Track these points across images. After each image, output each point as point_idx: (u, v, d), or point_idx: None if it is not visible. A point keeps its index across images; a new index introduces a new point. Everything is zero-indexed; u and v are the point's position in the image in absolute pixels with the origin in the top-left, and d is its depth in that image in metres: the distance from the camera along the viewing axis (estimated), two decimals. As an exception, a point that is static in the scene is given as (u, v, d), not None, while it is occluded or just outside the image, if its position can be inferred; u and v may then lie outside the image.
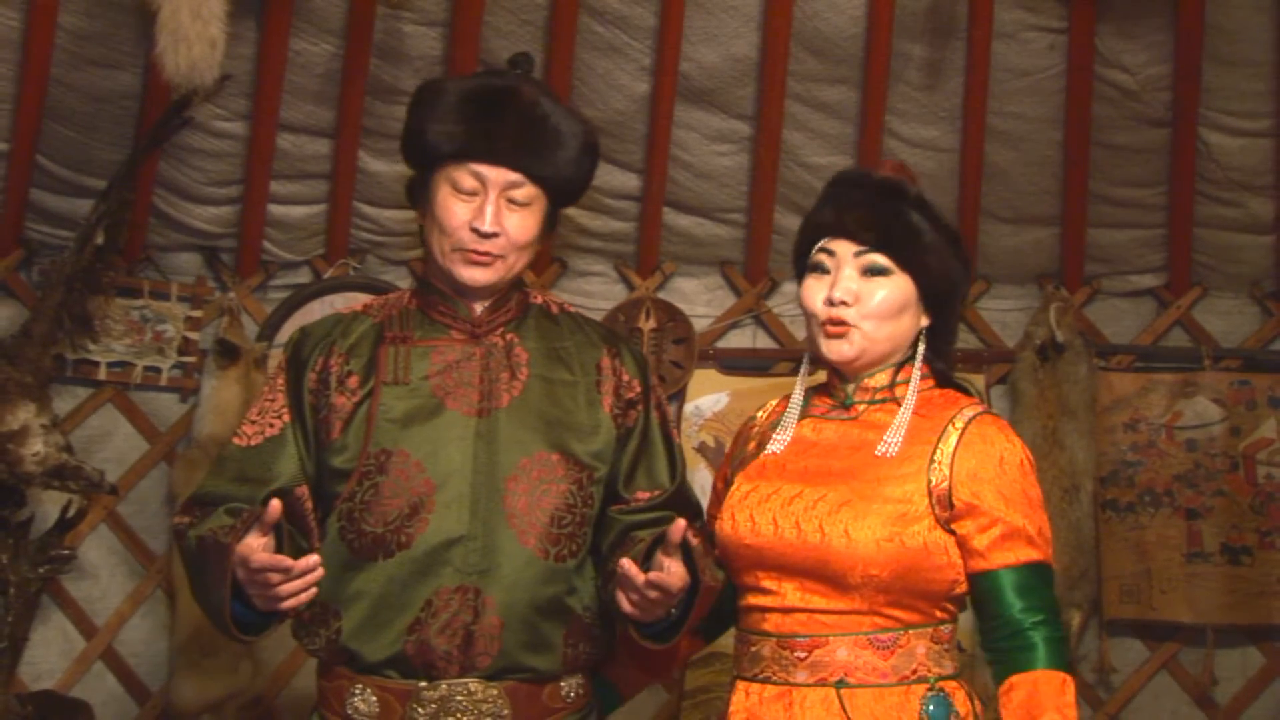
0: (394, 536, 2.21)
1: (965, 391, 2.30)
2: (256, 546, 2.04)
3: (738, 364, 4.02)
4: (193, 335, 3.77)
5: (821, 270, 2.23)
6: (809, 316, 2.25)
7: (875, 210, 2.22)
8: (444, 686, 2.19)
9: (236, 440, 2.32)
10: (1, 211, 3.59)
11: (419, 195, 2.37)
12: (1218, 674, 3.96)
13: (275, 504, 2.06)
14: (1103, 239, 4.07)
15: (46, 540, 3.51)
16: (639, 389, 2.41)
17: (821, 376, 2.35)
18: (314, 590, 2.07)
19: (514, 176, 2.28)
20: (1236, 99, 3.80)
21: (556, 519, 2.26)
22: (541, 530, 2.25)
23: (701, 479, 3.86)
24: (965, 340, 4.09)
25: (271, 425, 2.30)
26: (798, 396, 2.33)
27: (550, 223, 2.39)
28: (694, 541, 2.15)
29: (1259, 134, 3.85)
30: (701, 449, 3.93)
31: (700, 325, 4.02)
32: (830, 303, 2.20)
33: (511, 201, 2.29)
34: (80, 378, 3.69)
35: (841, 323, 2.20)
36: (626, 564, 2.10)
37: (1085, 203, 3.98)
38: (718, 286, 4.10)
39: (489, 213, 2.26)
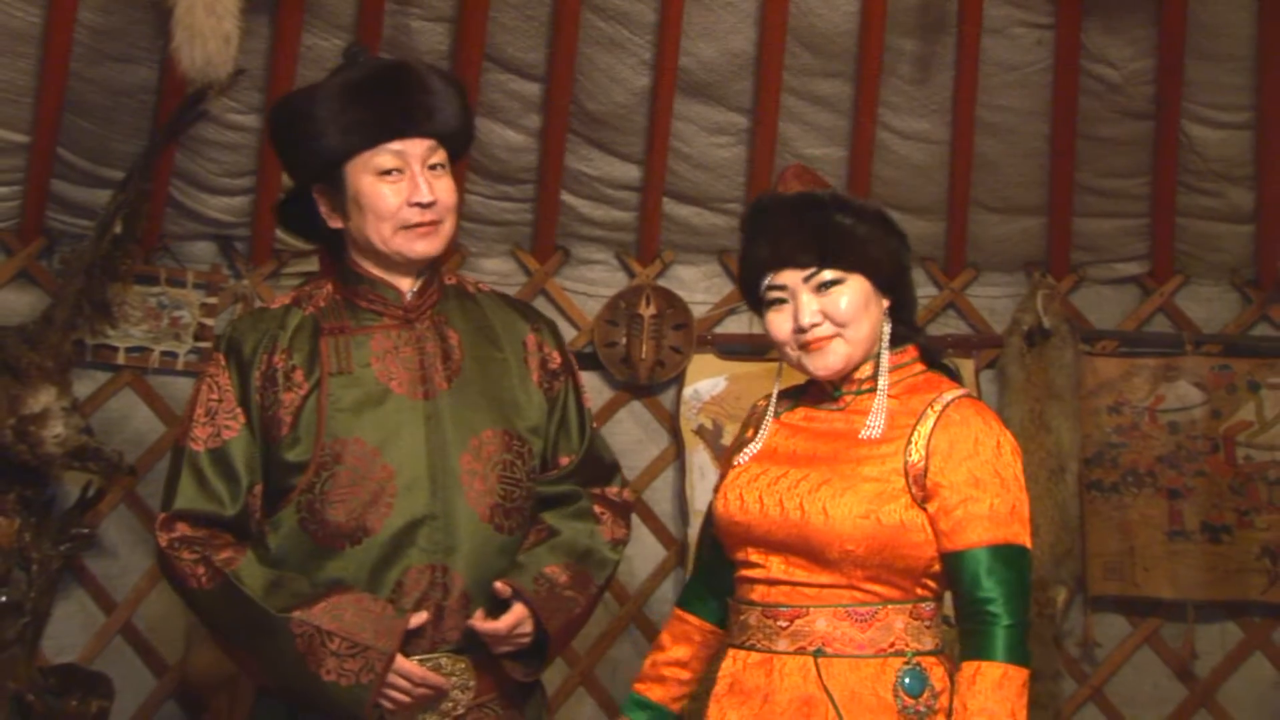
0: (358, 523, 2.22)
1: (951, 376, 2.29)
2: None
3: (735, 349, 4.02)
4: (208, 321, 3.77)
5: (780, 302, 2.22)
6: (782, 346, 2.23)
7: (803, 230, 2.19)
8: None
9: (194, 446, 2.27)
10: (24, 202, 3.60)
11: (330, 205, 2.33)
12: (1198, 648, 3.99)
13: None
14: (1088, 228, 4.08)
15: (67, 519, 3.53)
16: (560, 360, 2.45)
17: None
18: None
19: (429, 143, 2.30)
20: (1217, 92, 3.81)
21: (507, 494, 2.31)
22: (495, 505, 2.29)
23: (700, 460, 3.91)
24: (955, 326, 4.12)
25: (228, 427, 2.28)
26: (774, 397, 2.34)
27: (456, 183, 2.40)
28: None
29: (1239, 126, 3.87)
30: (700, 431, 3.93)
31: (699, 311, 4.03)
32: (800, 330, 2.19)
33: (432, 168, 2.30)
34: (99, 362, 3.69)
35: (819, 339, 2.19)
36: (476, 622, 2.22)
37: (1071, 193, 3.99)
38: (716, 274, 4.11)
39: (423, 185, 2.27)
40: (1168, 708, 4.03)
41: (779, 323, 2.23)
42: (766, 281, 2.23)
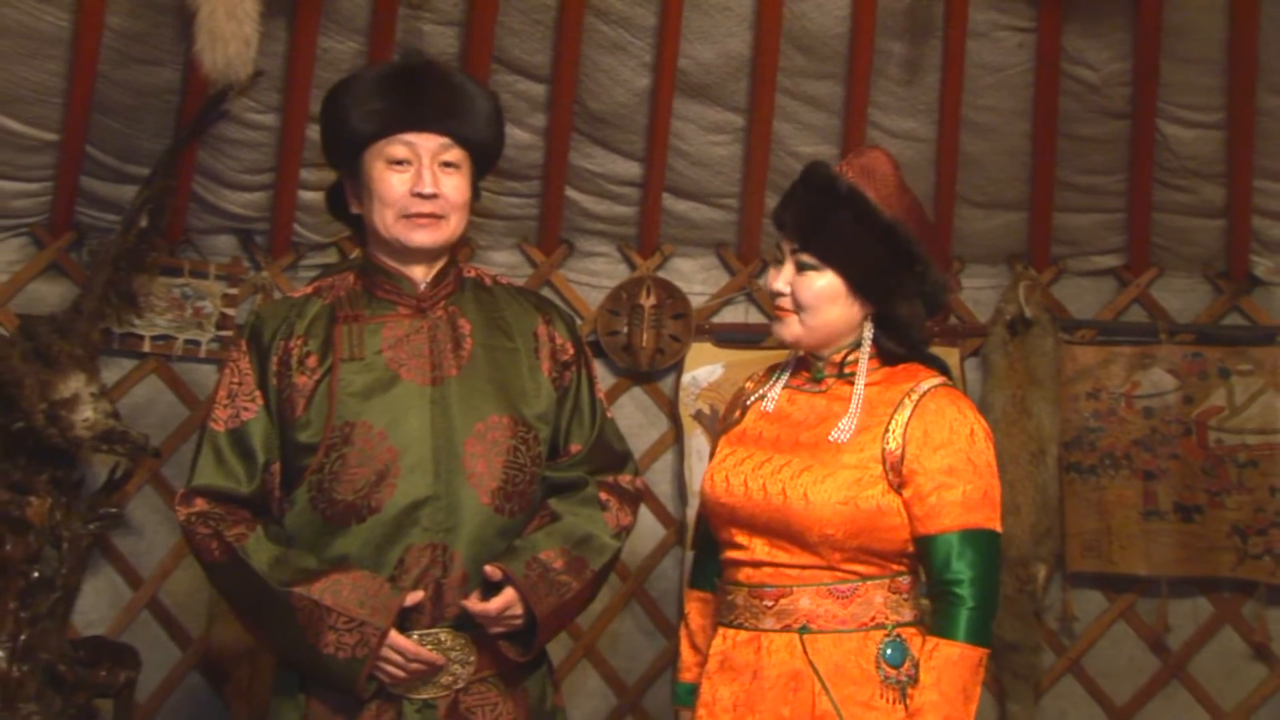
0: (364, 502, 2.27)
1: (931, 365, 2.32)
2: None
3: (731, 337, 4.09)
4: (229, 311, 3.84)
5: (780, 260, 2.34)
6: (769, 301, 2.34)
7: (803, 210, 2.28)
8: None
9: (215, 426, 2.34)
10: (54, 197, 3.66)
11: (352, 190, 2.42)
12: (1171, 622, 4.08)
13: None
14: (1068, 222, 4.12)
15: (96, 499, 3.60)
16: (572, 351, 2.49)
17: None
18: None
19: (442, 139, 2.35)
20: (1191, 93, 3.86)
21: (510, 478, 2.35)
22: (497, 488, 2.33)
23: (698, 445, 3.97)
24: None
25: (246, 409, 2.34)
26: (784, 373, 2.42)
27: (475, 189, 2.44)
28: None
29: (1211, 126, 3.91)
30: (698, 416, 3.99)
31: (697, 302, 4.08)
32: (774, 293, 2.32)
33: (444, 165, 2.35)
34: (126, 350, 3.76)
35: (784, 309, 2.30)
36: (470, 603, 2.28)
37: (1052, 189, 4.03)
38: (713, 266, 4.16)
39: (427, 176, 2.32)
40: (1142, 679, 4.11)
41: (771, 278, 2.36)
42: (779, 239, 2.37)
